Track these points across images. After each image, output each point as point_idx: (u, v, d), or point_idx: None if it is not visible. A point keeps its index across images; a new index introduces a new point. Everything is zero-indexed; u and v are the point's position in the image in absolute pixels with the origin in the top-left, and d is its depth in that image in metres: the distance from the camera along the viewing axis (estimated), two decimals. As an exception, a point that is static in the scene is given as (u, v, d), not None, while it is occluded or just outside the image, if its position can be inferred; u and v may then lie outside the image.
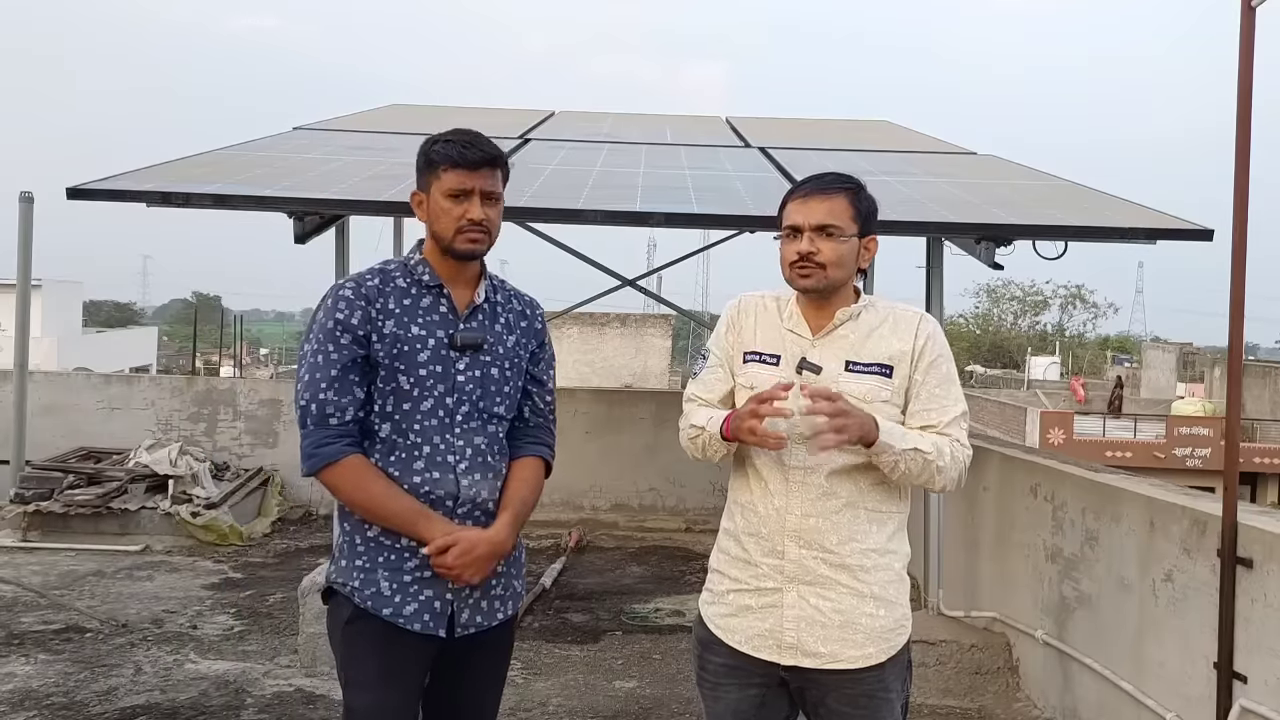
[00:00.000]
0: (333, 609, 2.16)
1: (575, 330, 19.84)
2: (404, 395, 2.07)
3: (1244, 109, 3.05)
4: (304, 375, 2.06)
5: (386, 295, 2.09)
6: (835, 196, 2.10)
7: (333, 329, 2.05)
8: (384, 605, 2.06)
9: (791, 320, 2.16)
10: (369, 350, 2.06)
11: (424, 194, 2.14)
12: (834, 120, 9.45)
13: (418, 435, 2.08)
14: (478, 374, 2.13)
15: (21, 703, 3.91)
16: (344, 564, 2.11)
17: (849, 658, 2.05)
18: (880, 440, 1.99)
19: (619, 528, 7.63)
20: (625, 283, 7.24)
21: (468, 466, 2.11)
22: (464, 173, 2.08)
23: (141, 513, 6.83)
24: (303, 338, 2.14)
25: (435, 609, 2.08)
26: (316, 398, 2.03)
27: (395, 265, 2.16)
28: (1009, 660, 4.37)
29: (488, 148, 2.11)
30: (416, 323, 2.09)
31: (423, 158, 2.14)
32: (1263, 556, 2.90)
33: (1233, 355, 3.18)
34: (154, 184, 4.53)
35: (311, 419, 2.03)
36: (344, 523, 2.14)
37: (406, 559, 2.07)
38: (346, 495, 2.06)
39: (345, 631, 2.10)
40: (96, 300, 63.87)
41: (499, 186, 2.14)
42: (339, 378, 2.03)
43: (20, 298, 7.16)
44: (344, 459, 2.03)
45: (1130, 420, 28.22)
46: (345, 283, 2.12)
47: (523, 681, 4.28)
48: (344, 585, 2.10)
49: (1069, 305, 61.65)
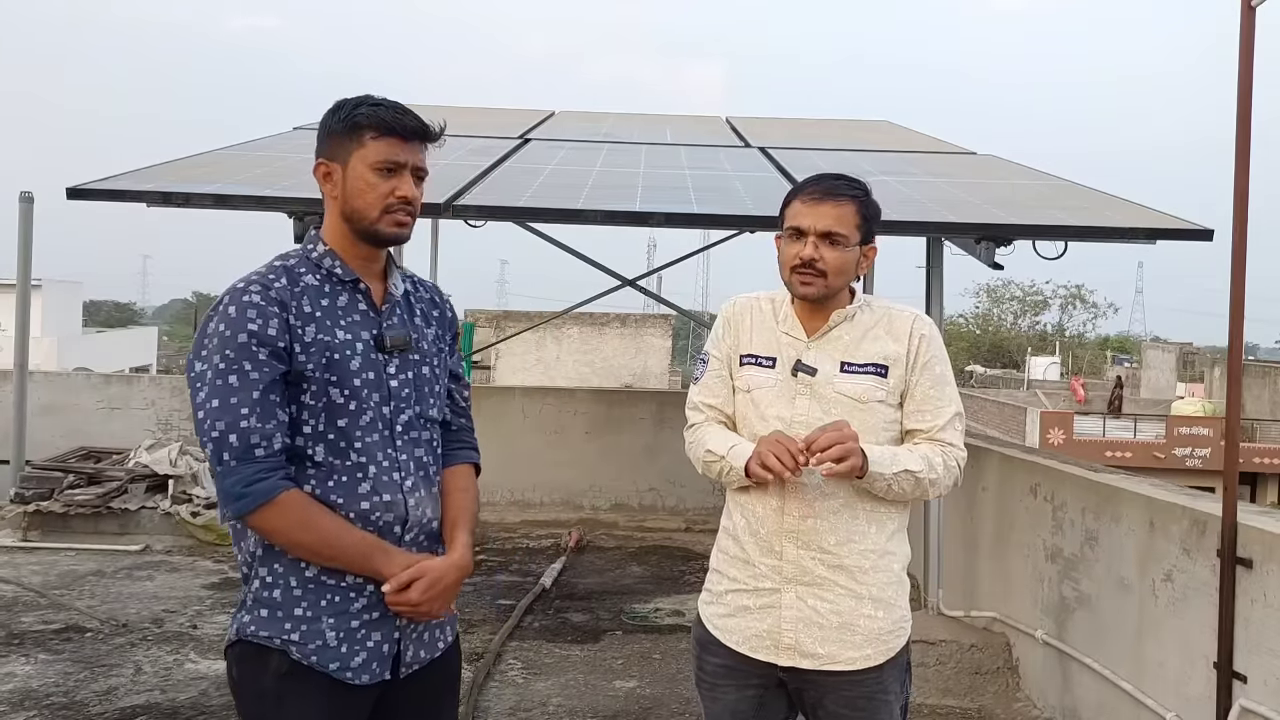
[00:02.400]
0: (250, 665, 1.80)
1: (575, 330, 19.81)
2: (338, 410, 1.78)
3: (1244, 109, 3.05)
4: (210, 400, 1.70)
5: (299, 296, 1.78)
6: (844, 204, 2.07)
7: (246, 343, 1.71)
8: (330, 659, 1.77)
9: (786, 322, 2.15)
10: (291, 364, 1.74)
11: (336, 165, 1.83)
12: (834, 120, 9.45)
13: (360, 454, 1.79)
14: (410, 375, 1.87)
15: (21, 703, 3.91)
16: (269, 614, 1.78)
17: (847, 659, 2.05)
18: (870, 471, 1.99)
19: (619, 528, 7.62)
20: (625, 283, 7.24)
21: (413, 484, 1.85)
22: (397, 142, 1.80)
23: (141, 512, 6.83)
24: (193, 353, 1.77)
25: (383, 653, 1.81)
26: (236, 426, 1.69)
27: (296, 259, 1.85)
28: (1009, 660, 4.37)
29: (420, 119, 1.84)
30: (340, 325, 1.80)
31: (340, 121, 1.82)
32: (1262, 556, 2.90)
33: (1233, 355, 3.18)
34: (154, 184, 4.54)
35: (231, 453, 1.69)
36: (272, 564, 1.79)
37: (353, 599, 1.79)
38: (286, 537, 1.75)
39: (281, 689, 1.77)
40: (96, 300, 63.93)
41: (426, 165, 1.88)
42: (261, 400, 1.70)
43: (20, 298, 7.16)
44: (280, 495, 1.71)
45: (1130, 420, 28.22)
46: (248, 286, 1.76)
47: (523, 681, 4.27)
48: (270, 639, 1.77)
49: (1069, 305, 61.71)
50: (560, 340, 19.64)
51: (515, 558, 6.56)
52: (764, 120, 8.87)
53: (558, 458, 8.00)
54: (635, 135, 7.31)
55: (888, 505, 2.10)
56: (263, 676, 1.79)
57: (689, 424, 2.22)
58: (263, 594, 1.80)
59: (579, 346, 19.83)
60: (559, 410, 8.16)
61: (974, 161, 6.75)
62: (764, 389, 2.12)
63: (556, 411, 8.15)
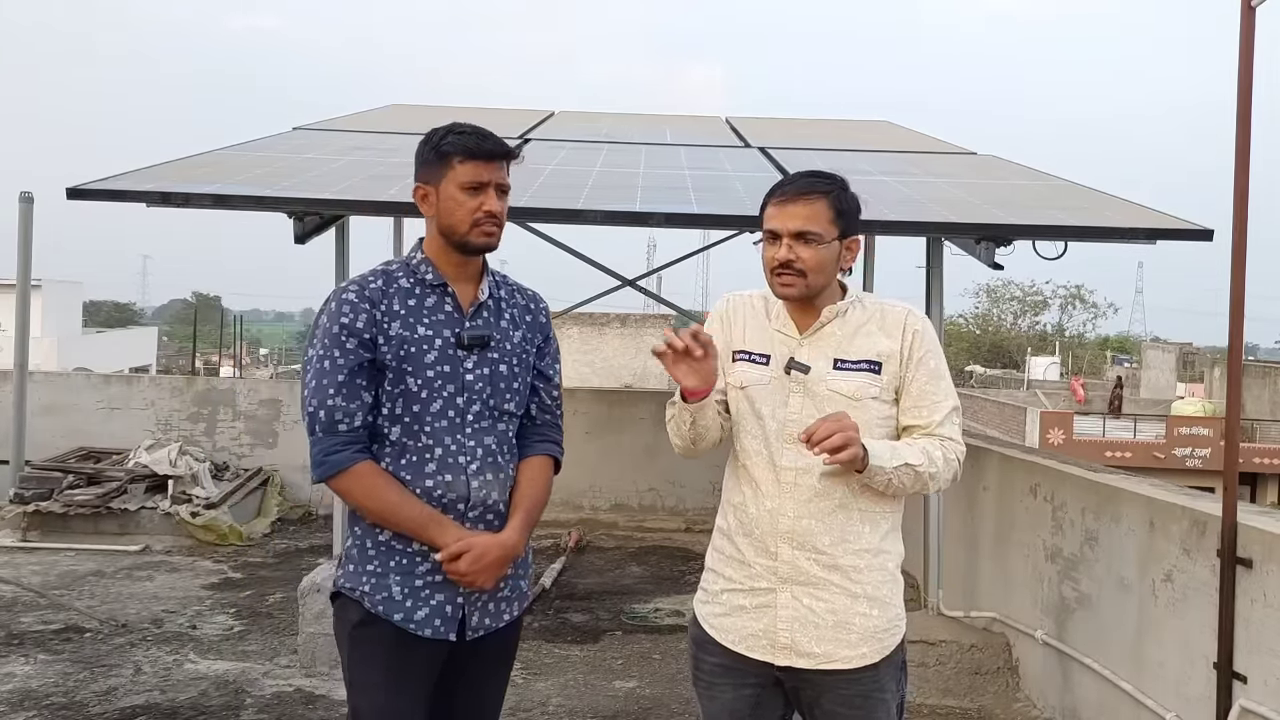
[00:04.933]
0: (339, 613, 2.14)
1: (575, 330, 19.81)
2: (413, 397, 2.05)
3: (1244, 109, 3.05)
4: (310, 381, 2.03)
5: (390, 297, 2.07)
6: (814, 201, 2.06)
7: (338, 333, 2.02)
8: (395, 610, 2.04)
9: (779, 320, 2.15)
10: (375, 354, 2.03)
11: (430, 187, 2.10)
12: (834, 120, 9.45)
13: (429, 437, 2.05)
14: (486, 371, 2.11)
15: (21, 703, 3.91)
16: (353, 569, 2.09)
17: (843, 658, 2.05)
18: (871, 465, 1.98)
19: (619, 528, 7.63)
20: (625, 283, 7.24)
21: (479, 467, 2.08)
22: (480, 164, 2.06)
23: (141, 513, 6.83)
24: (307, 343, 2.12)
25: (447, 613, 2.06)
26: (325, 404, 2.00)
27: (397, 265, 2.13)
28: (1009, 660, 4.37)
29: (501, 141, 2.11)
30: (423, 323, 2.07)
31: (431, 150, 2.10)
32: (1262, 556, 2.90)
33: (1233, 355, 3.18)
34: (154, 184, 4.53)
35: (320, 425, 2.01)
36: (354, 527, 2.11)
37: (419, 563, 2.05)
38: (357, 502, 2.04)
39: (354, 635, 2.08)
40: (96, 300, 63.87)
41: (508, 180, 2.13)
42: (346, 382, 2.01)
43: (20, 298, 7.16)
44: (354, 466, 2.01)
45: (1130, 420, 28.23)
46: (348, 286, 2.09)
47: (523, 681, 4.27)
48: (353, 590, 2.07)
49: (1069, 305, 61.63)
50: (560, 340, 19.38)
51: (515, 558, 6.56)
52: (763, 120, 8.86)
53: (557, 458, 7.98)
54: (635, 135, 7.31)
55: (882, 505, 2.09)
56: (345, 622, 2.11)
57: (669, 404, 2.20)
58: (351, 551, 2.11)
59: (579, 346, 19.83)
60: (559, 410, 8.15)
61: (974, 161, 6.75)
62: (757, 386, 2.12)
63: (562, 408, 8.13)
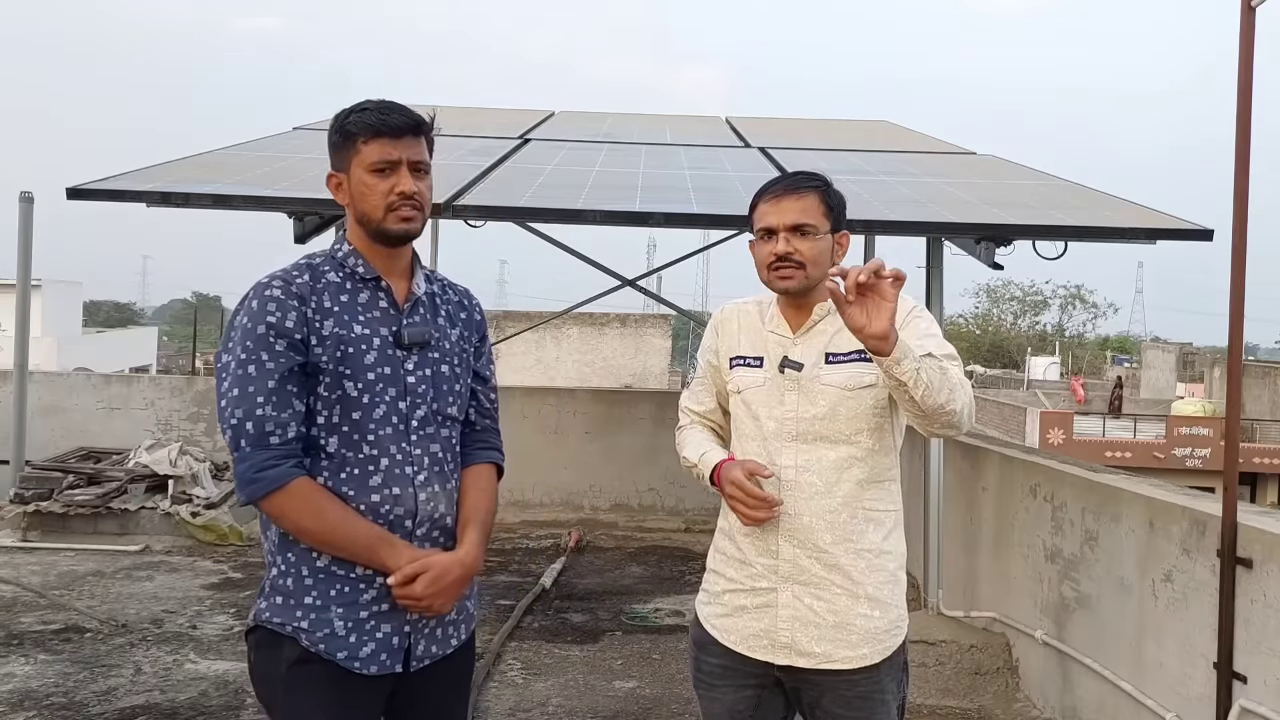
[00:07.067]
0: (266, 651, 1.86)
1: (575, 330, 19.81)
2: (352, 403, 1.83)
3: (1244, 109, 3.05)
4: (231, 390, 1.78)
5: (320, 292, 1.84)
6: (806, 195, 2.09)
7: (264, 334, 1.78)
8: (339, 649, 1.81)
9: (773, 322, 2.18)
10: (307, 356, 1.81)
11: (342, 174, 1.90)
12: (834, 120, 9.46)
13: (372, 447, 1.84)
14: (428, 373, 1.91)
15: (21, 703, 3.91)
16: (283, 601, 1.83)
17: (843, 658, 2.05)
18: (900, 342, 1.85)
19: (619, 528, 7.62)
20: (625, 283, 7.24)
21: (426, 478, 1.88)
22: (387, 142, 1.85)
23: (141, 513, 6.82)
24: (221, 345, 1.87)
25: (393, 645, 1.85)
26: (252, 414, 1.76)
27: (321, 259, 1.92)
28: (1008, 660, 4.37)
29: (409, 113, 1.89)
30: (358, 321, 1.86)
31: (336, 133, 1.90)
32: (1262, 556, 2.90)
33: (1233, 355, 3.18)
34: (154, 184, 4.54)
35: (247, 439, 1.76)
36: (286, 553, 1.85)
37: (363, 591, 1.83)
38: (295, 523, 1.80)
39: (290, 677, 1.83)
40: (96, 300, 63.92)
41: (427, 156, 1.91)
42: (276, 389, 1.77)
43: (20, 298, 7.16)
44: (291, 482, 1.77)
45: (1130, 420, 28.23)
46: (271, 281, 1.84)
47: (523, 681, 4.27)
48: (283, 625, 1.82)
49: (1069, 305, 61.71)
50: (560, 340, 19.65)
51: (515, 558, 6.56)
52: (764, 120, 8.87)
53: (557, 458, 8.00)
54: (635, 135, 7.32)
55: (884, 505, 2.10)
56: (276, 662, 1.84)
57: (678, 425, 2.38)
58: (279, 581, 1.85)
59: (579, 346, 19.84)
60: (559, 410, 8.16)
61: (974, 162, 6.75)
62: (754, 389, 2.14)
63: (556, 411, 8.15)
